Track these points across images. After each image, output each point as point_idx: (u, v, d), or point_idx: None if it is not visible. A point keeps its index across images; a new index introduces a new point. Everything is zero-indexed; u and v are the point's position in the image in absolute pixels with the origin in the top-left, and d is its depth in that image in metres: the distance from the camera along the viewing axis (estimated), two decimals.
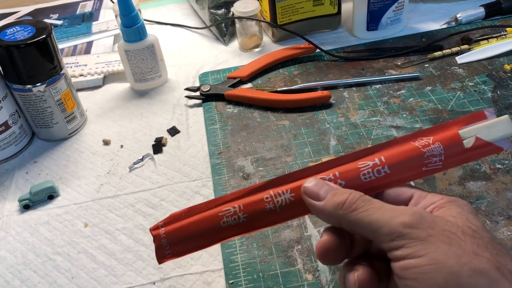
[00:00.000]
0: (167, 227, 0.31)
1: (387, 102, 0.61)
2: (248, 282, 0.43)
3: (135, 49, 0.65)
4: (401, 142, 0.30)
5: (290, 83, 0.66)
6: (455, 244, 0.25)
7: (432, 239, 0.25)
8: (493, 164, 0.51)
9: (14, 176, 0.58)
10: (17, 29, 0.57)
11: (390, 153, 0.30)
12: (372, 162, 0.30)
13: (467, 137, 0.29)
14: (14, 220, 0.53)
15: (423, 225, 0.26)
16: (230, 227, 0.30)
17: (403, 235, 0.26)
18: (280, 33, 0.75)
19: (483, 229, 0.27)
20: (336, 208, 0.29)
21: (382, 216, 0.27)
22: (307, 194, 0.30)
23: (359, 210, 0.28)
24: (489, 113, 0.29)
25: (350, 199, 0.28)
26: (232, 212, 0.30)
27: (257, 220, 0.30)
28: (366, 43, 0.72)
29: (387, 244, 0.27)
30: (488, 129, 0.29)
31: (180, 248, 0.31)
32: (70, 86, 0.62)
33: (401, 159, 0.29)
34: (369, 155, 0.30)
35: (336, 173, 0.31)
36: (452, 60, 0.66)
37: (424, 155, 0.29)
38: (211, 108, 0.64)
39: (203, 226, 0.31)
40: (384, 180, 0.30)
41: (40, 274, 0.47)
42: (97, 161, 0.59)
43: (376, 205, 0.28)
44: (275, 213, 0.30)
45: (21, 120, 0.61)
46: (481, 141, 0.29)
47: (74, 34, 0.83)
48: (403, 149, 0.30)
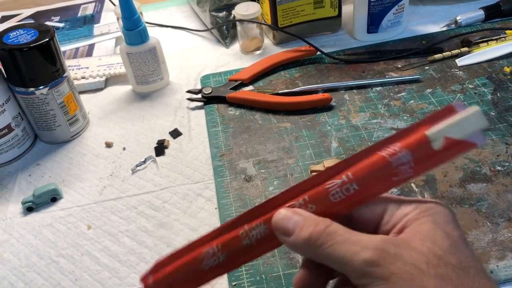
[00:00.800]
0: (154, 276, 0.31)
1: (387, 105, 0.61)
2: (251, 284, 0.44)
3: (137, 52, 0.66)
4: (368, 153, 0.29)
5: (291, 86, 0.67)
6: (417, 282, 0.25)
7: (394, 278, 0.25)
8: (494, 166, 0.51)
9: (17, 179, 0.59)
10: (20, 33, 0.57)
11: (357, 167, 0.28)
12: (340, 180, 0.28)
13: (436, 138, 0.26)
14: (17, 222, 0.53)
15: (386, 261, 0.25)
16: (212, 268, 0.30)
17: (367, 274, 0.26)
18: (281, 35, 0.75)
19: (450, 251, 0.26)
20: (304, 244, 0.28)
21: (346, 252, 0.26)
22: (277, 230, 0.29)
23: (324, 245, 0.27)
24: (459, 106, 0.27)
25: (315, 233, 0.28)
26: (211, 254, 0.30)
27: (236, 257, 0.30)
28: (367, 46, 0.73)
29: (355, 281, 0.26)
30: (458, 125, 0.26)
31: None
32: (73, 88, 0.62)
33: (368, 172, 0.28)
34: (338, 173, 0.29)
35: (306, 198, 0.29)
36: (452, 63, 0.67)
37: (391, 164, 0.27)
38: (212, 111, 0.65)
39: (187, 272, 0.31)
40: (355, 198, 0.28)
41: (44, 276, 0.48)
42: (100, 164, 0.59)
43: (340, 238, 0.27)
44: (253, 248, 0.30)
45: (24, 123, 0.61)
46: (451, 140, 0.26)
47: (75, 36, 0.83)
48: (370, 161, 0.28)
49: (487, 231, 0.45)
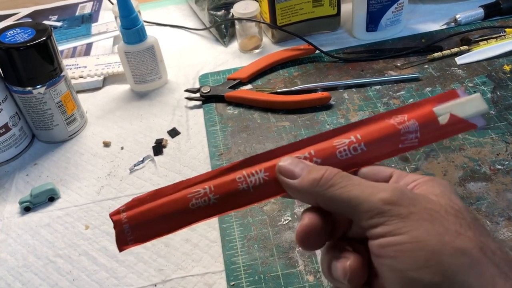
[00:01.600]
0: (130, 212, 0.29)
1: (387, 103, 0.61)
2: (250, 284, 0.44)
3: (135, 51, 0.65)
4: (376, 120, 0.30)
5: (290, 84, 0.66)
6: (437, 223, 0.24)
7: (413, 217, 0.24)
8: (493, 165, 0.51)
9: (15, 178, 0.58)
10: (17, 31, 0.57)
11: (366, 130, 0.29)
12: (348, 139, 0.29)
13: (442, 114, 0.29)
14: (14, 222, 0.53)
15: (404, 202, 0.25)
16: (200, 209, 0.28)
17: (383, 212, 0.25)
18: (280, 34, 0.75)
19: (465, 209, 0.26)
20: (312, 184, 0.27)
21: (361, 192, 0.26)
22: (282, 172, 0.28)
23: (336, 186, 0.27)
24: (461, 92, 0.30)
25: (326, 175, 0.27)
26: (202, 194, 0.28)
27: (229, 201, 0.29)
28: (366, 44, 0.72)
29: (366, 221, 0.25)
30: (461, 106, 0.29)
31: (144, 233, 0.28)
32: (70, 88, 0.62)
33: (377, 136, 0.29)
34: (344, 133, 0.30)
35: (312, 151, 0.29)
36: (451, 61, 0.66)
37: (400, 131, 0.29)
38: (211, 110, 0.64)
39: (170, 209, 0.28)
40: (361, 158, 0.29)
41: (41, 277, 0.47)
42: (98, 163, 0.59)
43: (354, 181, 0.27)
44: (248, 193, 0.29)
45: (21, 122, 0.61)
46: (455, 117, 0.29)
47: (73, 35, 0.83)
48: (379, 126, 0.29)
49: None
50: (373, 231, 0.25)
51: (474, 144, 0.54)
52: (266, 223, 0.49)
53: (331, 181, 0.27)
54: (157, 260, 0.47)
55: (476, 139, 0.54)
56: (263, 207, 0.50)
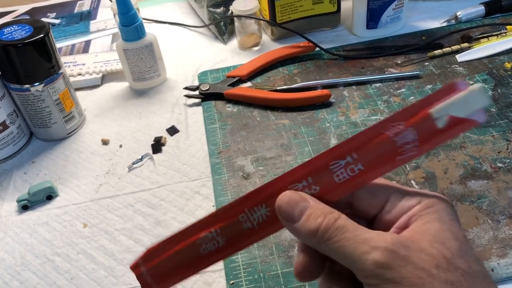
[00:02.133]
0: (148, 264, 0.30)
1: (387, 101, 0.61)
2: (249, 283, 0.43)
3: (134, 48, 0.65)
4: (372, 132, 0.28)
5: (289, 82, 0.66)
6: (427, 287, 0.24)
7: (405, 282, 0.24)
8: (494, 162, 0.51)
9: (12, 177, 0.58)
10: (15, 28, 0.56)
11: (362, 148, 0.28)
12: (344, 160, 0.28)
13: (439, 116, 0.27)
14: (12, 220, 0.53)
15: (396, 264, 0.25)
16: (211, 253, 0.29)
17: (376, 276, 0.25)
18: (280, 31, 0.74)
19: (459, 253, 0.25)
20: (310, 236, 0.27)
21: (355, 250, 0.26)
22: (281, 214, 0.29)
23: (332, 240, 0.27)
24: (461, 84, 0.27)
25: (323, 227, 0.27)
26: (210, 238, 0.29)
27: (237, 241, 0.29)
28: (366, 42, 0.72)
29: (362, 279, 0.26)
30: (461, 103, 0.26)
31: (166, 282, 0.31)
32: (69, 85, 0.61)
33: (373, 152, 0.28)
34: (340, 152, 0.29)
35: (309, 179, 0.29)
36: (452, 59, 0.66)
37: (396, 144, 0.27)
38: (210, 107, 0.64)
39: (184, 257, 0.30)
40: (359, 178, 0.28)
41: (39, 275, 0.47)
42: (96, 161, 0.59)
43: (348, 234, 0.26)
44: (254, 231, 0.29)
45: (19, 120, 0.61)
46: (455, 118, 0.26)
47: (72, 33, 0.82)
48: (374, 141, 0.28)
49: (488, 228, 0.44)
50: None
51: (475, 142, 0.53)
52: None
53: (327, 234, 0.27)
54: None
55: (477, 137, 0.54)
56: None
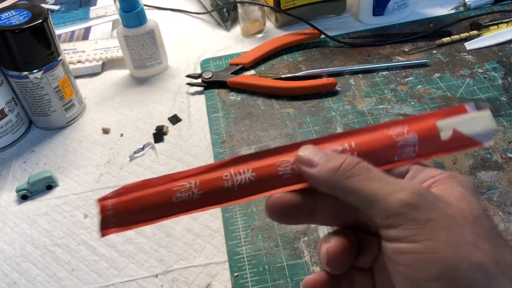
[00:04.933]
0: (117, 199, 0.29)
1: (394, 90, 0.59)
2: (254, 275, 0.42)
3: (135, 35, 0.63)
4: (374, 129, 0.29)
5: (294, 70, 0.65)
6: (454, 233, 0.23)
7: (431, 225, 0.23)
8: (505, 153, 0.49)
9: (12, 166, 0.57)
10: (12, 14, 0.55)
11: (361, 139, 0.28)
12: (342, 147, 0.28)
13: (445, 128, 0.27)
14: (11, 211, 0.52)
15: (424, 206, 0.24)
16: (183, 202, 0.29)
17: (401, 215, 0.24)
18: (284, 18, 0.73)
19: (484, 215, 0.25)
20: (330, 173, 0.26)
21: (380, 188, 0.25)
22: (301, 161, 0.28)
23: (355, 177, 0.26)
24: (470, 107, 0.28)
25: (346, 164, 0.26)
26: (187, 188, 0.29)
27: (212, 197, 0.29)
28: (372, 29, 0.70)
29: (381, 220, 0.25)
30: (467, 123, 0.27)
31: (126, 221, 0.29)
32: (68, 73, 0.60)
33: (372, 146, 0.28)
34: (340, 139, 0.29)
35: None
36: (461, 46, 0.65)
37: (396, 144, 0.28)
38: (213, 96, 0.63)
39: (154, 200, 0.29)
40: None
41: (39, 267, 0.46)
42: (97, 150, 0.57)
43: (375, 174, 0.26)
44: (232, 192, 0.29)
45: (17, 108, 0.59)
46: (459, 134, 0.27)
47: (71, 19, 0.80)
48: (376, 137, 0.28)
49: (498, 220, 0.43)
50: (387, 232, 0.25)
51: None
52: None
53: (350, 171, 0.26)
54: (159, 250, 0.46)
55: None
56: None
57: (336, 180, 0.26)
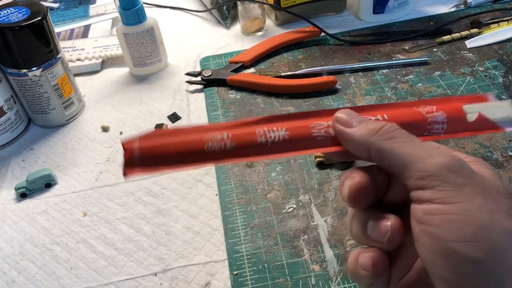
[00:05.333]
0: (143, 142, 0.29)
1: (395, 88, 0.59)
2: (253, 273, 0.42)
3: (134, 33, 0.63)
4: (405, 105, 0.30)
5: (294, 68, 0.64)
6: (489, 200, 0.24)
7: (467, 189, 0.24)
8: (505, 151, 0.49)
9: (10, 164, 0.57)
10: (11, 11, 0.54)
11: (393, 112, 0.30)
12: (375, 117, 0.29)
13: (471, 112, 0.30)
14: (10, 209, 0.52)
15: (462, 171, 0.24)
16: (214, 152, 0.29)
17: (437, 176, 0.24)
18: (284, 16, 0.72)
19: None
20: (370, 133, 0.27)
21: (419, 151, 0.25)
22: (339, 121, 0.28)
23: (395, 139, 0.26)
24: (492, 96, 0.30)
25: (386, 127, 0.27)
26: (219, 139, 0.29)
27: (244, 150, 0.29)
28: (373, 27, 0.70)
29: (416, 181, 0.25)
30: (491, 109, 0.30)
31: (152, 164, 0.29)
32: (67, 70, 0.60)
33: (404, 120, 0.29)
34: (374, 110, 0.30)
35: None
36: (461, 44, 0.64)
37: (427, 120, 0.29)
38: (212, 94, 0.62)
39: (184, 148, 0.29)
40: None
41: (38, 265, 0.46)
42: (96, 148, 0.57)
43: (414, 139, 0.26)
44: (265, 147, 0.29)
45: (16, 106, 0.59)
46: (483, 118, 0.29)
47: (70, 17, 0.80)
48: (407, 111, 0.30)
49: None
50: (420, 193, 0.25)
51: None
52: (270, 210, 0.47)
53: (390, 133, 0.26)
54: (158, 248, 0.46)
55: None
56: (267, 195, 0.49)
57: (374, 141, 0.26)
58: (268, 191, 0.49)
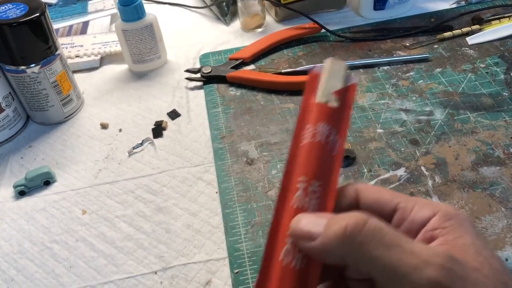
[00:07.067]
0: None
1: (395, 85, 0.59)
2: (254, 272, 0.42)
3: (133, 29, 0.63)
4: (296, 150, 0.27)
5: (294, 65, 0.64)
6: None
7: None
8: (507, 148, 0.49)
9: (9, 161, 0.56)
10: (9, 7, 0.54)
11: (301, 167, 0.27)
12: (300, 190, 0.26)
13: (328, 98, 0.28)
14: (9, 207, 0.51)
15: (454, 285, 0.21)
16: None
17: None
18: (284, 12, 0.72)
19: (504, 271, 0.23)
20: (336, 242, 0.23)
21: (401, 260, 0.22)
22: (298, 237, 0.24)
23: (368, 245, 0.22)
24: (317, 68, 0.29)
25: (352, 228, 0.22)
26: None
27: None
28: (373, 23, 0.70)
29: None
30: (331, 79, 0.28)
31: None
32: (66, 67, 0.59)
33: (314, 163, 0.26)
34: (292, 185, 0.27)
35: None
36: (462, 41, 0.64)
37: (321, 143, 0.27)
38: (212, 91, 0.62)
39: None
40: (325, 195, 0.26)
41: (37, 263, 0.46)
42: (95, 146, 0.57)
43: (390, 238, 0.22)
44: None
45: (15, 103, 0.59)
46: (339, 92, 0.28)
47: (69, 13, 0.80)
48: (306, 153, 0.27)
49: (501, 216, 0.43)
50: None
51: (487, 127, 0.51)
52: (270, 208, 0.47)
53: (360, 237, 0.22)
54: (158, 246, 0.45)
55: (489, 122, 0.52)
56: (267, 192, 0.48)
57: (346, 251, 0.23)
58: (269, 188, 0.49)
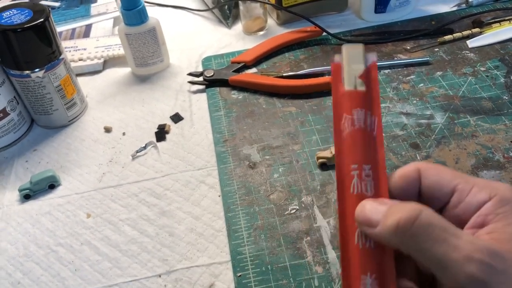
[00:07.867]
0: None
1: (396, 88, 0.59)
2: (257, 275, 0.42)
3: (136, 33, 0.63)
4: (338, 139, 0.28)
5: (296, 68, 0.64)
6: None
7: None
8: (507, 152, 0.49)
9: (14, 165, 0.57)
10: (14, 13, 0.54)
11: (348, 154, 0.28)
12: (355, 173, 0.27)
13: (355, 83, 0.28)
14: (14, 210, 0.52)
15: (493, 280, 0.23)
16: None
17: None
18: (285, 15, 0.72)
19: None
20: (392, 232, 0.25)
21: (445, 256, 0.23)
22: (360, 223, 0.27)
23: (419, 239, 0.24)
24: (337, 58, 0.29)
25: (404, 221, 0.24)
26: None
27: None
28: (374, 26, 0.70)
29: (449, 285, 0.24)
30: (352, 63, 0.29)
31: None
32: (70, 71, 0.60)
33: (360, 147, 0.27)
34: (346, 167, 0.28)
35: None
36: (463, 44, 0.64)
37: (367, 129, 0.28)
38: (215, 94, 0.62)
39: None
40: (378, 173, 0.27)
41: (43, 266, 0.46)
42: (99, 149, 0.57)
43: (437, 233, 0.24)
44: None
45: (19, 107, 0.59)
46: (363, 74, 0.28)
47: (72, 16, 0.80)
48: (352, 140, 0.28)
49: None
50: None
51: (487, 130, 0.52)
52: (273, 212, 0.47)
53: (410, 231, 0.24)
54: (161, 250, 0.46)
55: (489, 126, 0.52)
56: (270, 196, 0.49)
57: (400, 241, 0.25)
58: (271, 192, 0.49)
